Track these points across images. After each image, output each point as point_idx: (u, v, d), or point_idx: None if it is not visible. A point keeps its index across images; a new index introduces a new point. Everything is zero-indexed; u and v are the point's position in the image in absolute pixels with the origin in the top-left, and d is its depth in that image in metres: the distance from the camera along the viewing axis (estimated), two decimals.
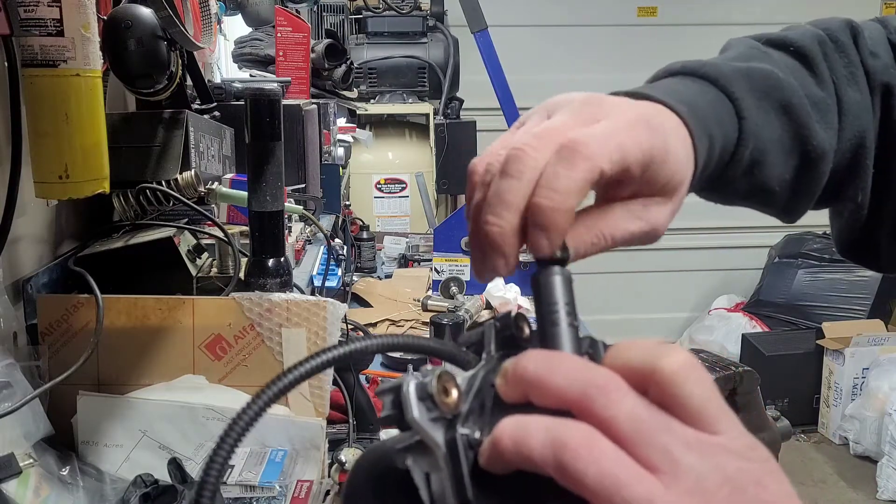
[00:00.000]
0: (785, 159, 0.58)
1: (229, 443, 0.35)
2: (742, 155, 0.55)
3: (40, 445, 0.92)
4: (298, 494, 0.97)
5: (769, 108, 0.57)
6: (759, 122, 0.56)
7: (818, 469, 3.70)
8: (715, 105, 0.54)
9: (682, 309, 4.97)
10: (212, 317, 1.05)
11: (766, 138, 0.56)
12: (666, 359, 0.33)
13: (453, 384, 0.34)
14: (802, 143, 0.58)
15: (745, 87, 0.55)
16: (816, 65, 0.61)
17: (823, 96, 0.60)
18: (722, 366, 2.23)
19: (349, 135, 2.97)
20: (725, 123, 0.54)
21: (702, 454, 0.31)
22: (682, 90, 0.53)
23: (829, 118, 0.60)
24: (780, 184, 0.59)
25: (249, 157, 1.07)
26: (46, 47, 0.81)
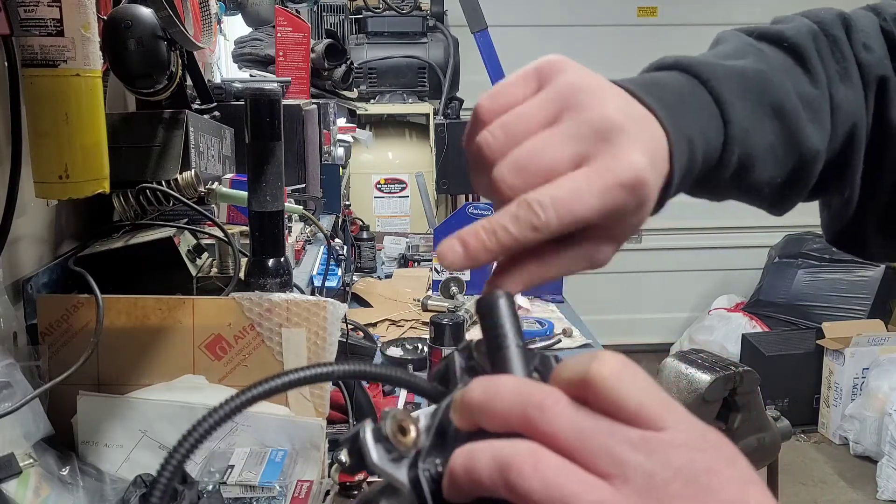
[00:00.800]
0: (776, 163, 0.57)
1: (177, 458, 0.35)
2: (729, 160, 0.54)
3: (40, 445, 0.92)
4: (298, 494, 0.97)
5: (762, 112, 0.55)
6: (749, 126, 0.54)
7: (818, 469, 3.70)
8: (701, 108, 0.52)
9: (682, 309, 4.97)
10: (212, 317, 1.05)
11: (755, 143, 0.55)
12: (596, 365, 0.33)
13: (409, 422, 0.35)
14: (796, 147, 0.57)
15: (736, 90, 0.54)
16: (810, 62, 0.60)
17: (817, 94, 0.59)
18: (722, 366, 2.23)
19: (349, 135, 2.97)
20: (710, 128, 0.52)
21: (648, 452, 0.31)
22: (670, 88, 0.51)
23: (822, 117, 0.59)
24: (770, 185, 0.58)
25: (249, 157, 1.07)
26: (46, 47, 0.81)
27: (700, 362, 2.15)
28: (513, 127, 0.43)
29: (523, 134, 0.43)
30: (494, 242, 0.40)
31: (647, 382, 0.34)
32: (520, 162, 0.42)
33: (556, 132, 0.42)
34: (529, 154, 0.42)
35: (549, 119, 0.43)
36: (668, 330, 4.94)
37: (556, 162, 0.41)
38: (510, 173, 0.41)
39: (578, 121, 0.42)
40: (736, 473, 0.32)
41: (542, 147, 0.42)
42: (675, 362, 2.20)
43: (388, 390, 1.76)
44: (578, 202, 0.40)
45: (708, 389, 2.07)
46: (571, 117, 0.43)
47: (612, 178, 0.41)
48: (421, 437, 0.35)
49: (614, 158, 0.41)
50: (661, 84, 0.51)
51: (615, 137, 0.42)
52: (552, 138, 0.42)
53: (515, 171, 0.41)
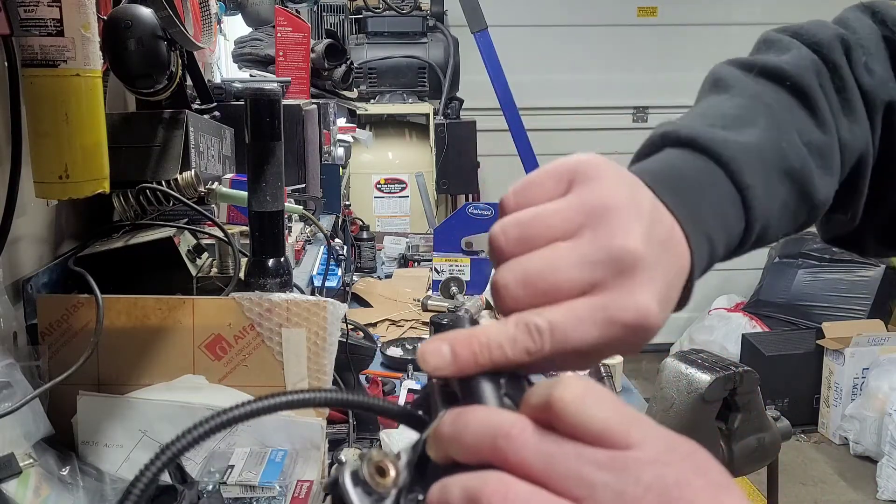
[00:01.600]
0: (788, 220, 0.55)
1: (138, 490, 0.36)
2: (749, 240, 0.51)
3: (40, 445, 0.92)
4: (298, 494, 0.97)
5: (777, 180, 0.53)
6: (768, 203, 0.52)
7: (818, 469, 3.70)
8: (722, 198, 0.49)
9: (682, 309, 4.97)
10: (212, 317, 1.05)
11: (771, 213, 0.52)
12: (559, 390, 0.33)
13: (388, 462, 0.36)
14: (808, 200, 0.55)
15: (757, 170, 0.50)
16: (816, 103, 0.57)
17: (825, 140, 0.56)
18: (722, 366, 2.23)
19: (349, 135, 2.97)
20: (731, 216, 0.49)
21: (616, 471, 0.32)
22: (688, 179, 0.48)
23: (832, 163, 0.57)
24: (782, 233, 0.56)
25: (249, 157, 1.07)
26: (46, 47, 0.81)
27: (700, 362, 2.15)
28: (529, 229, 0.41)
29: (539, 239, 0.40)
30: (487, 358, 0.38)
31: (612, 402, 0.34)
32: (529, 275, 0.40)
33: (574, 252, 0.40)
34: (540, 269, 0.40)
35: (570, 231, 0.40)
36: (668, 330, 4.93)
37: (566, 284, 0.39)
38: (516, 284, 0.40)
39: (599, 245, 0.40)
40: (707, 482, 0.32)
41: (556, 265, 0.40)
42: (675, 362, 2.20)
43: (388, 390, 1.76)
44: (577, 332, 0.39)
45: (708, 389, 2.06)
46: (593, 238, 0.40)
47: (617, 315, 0.39)
48: (401, 475, 0.36)
49: (625, 295, 0.39)
50: (679, 174, 0.48)
51: (631, 272, 0.40)
52: (568, 258, 0.40)
53: (523, 284, 0.40)
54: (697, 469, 0.33)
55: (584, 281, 0.39)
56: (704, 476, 0.32)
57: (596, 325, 0.39)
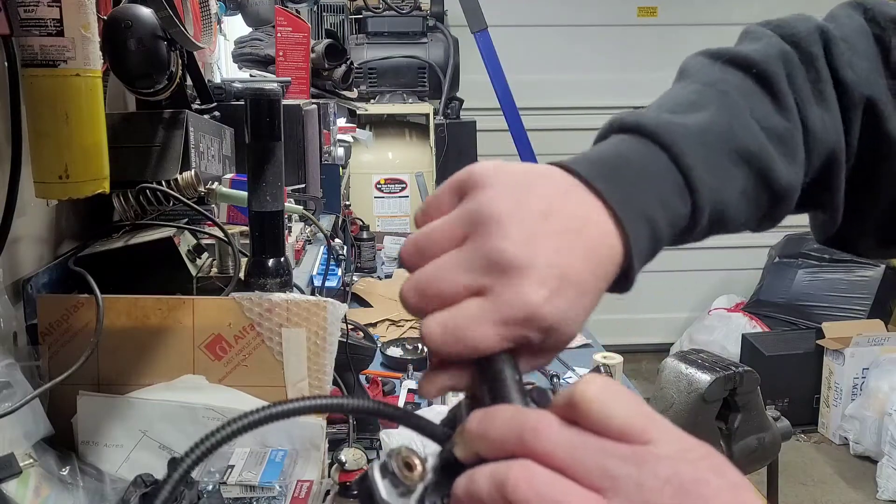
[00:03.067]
0: (749, 205, 0.55)
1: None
2: (699, 222, 0.52)
3: (40, 445, 0.92)
4: (298, 494, 0.97)
5: (729, 163, 0.53)
6: (718, 185, 0.52)
7: (818, 469, 3.70)
8: (664, 180, 0.49)
9: (682, 309, 4.97)
10: (212, 317, 1.05)
11: (726, 197, 0.53)
12: (581, 389, 0.35)
13: (415, 457, 0.38)
14: (768, 186, 0.55)
15: (701, 152, 0.51)
16: (779, 90, 0.57)
17: (787, 126, 0.56)
18: (722, 366, 2.23)
19: (349, 135, 2.97)
20: (675, 198, 0.50)
21: (637, 464, 0.33)
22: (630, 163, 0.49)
23: (794, 149, 0.56)
24: (746, 225, 0.57)
25: (249, 157, 1.07)
26: (46, 47, 0.81)
27: (700, 362, 2.15)
28: (422, 243, 0.44)
29: (430, 252, 0.44)
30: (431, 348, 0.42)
31: (632, 399, 0.35)
32: (420, 284, 0.43)
33: (455, 259, 0.43)
34: (427, 278, 0.43)
35: (455, 241, 0.43)
36: (668, 330, 4.94)
37: (451, 289, 0.42)
38: (411, 292, 0.43)
39: (476, 250, 0.42)
40: (725, 482, 0.33)
41: (440, 273, 0.42)
42: (675, 362, 2.20)
43: (388, 390, 1.77)
44: (474, 331, 0.41)
45: (708, 389, 2.07)
46: (472, 245, 0.42)
47: (507, 313, 0.41)
48: (427, 472, 0.37)
49: (510, 293, 0.41)
50: (621, 160, 0.49)
51: (513, 271, 0.41)
52: (448, 264, 0.42)
53: (415, 292, 0.43)
54: (715, 468, 0.34)
55: (469, 283, 0.42)
56: (723, 476, 0.34)
57: (493, 325, 0.41)
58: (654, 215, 0.48)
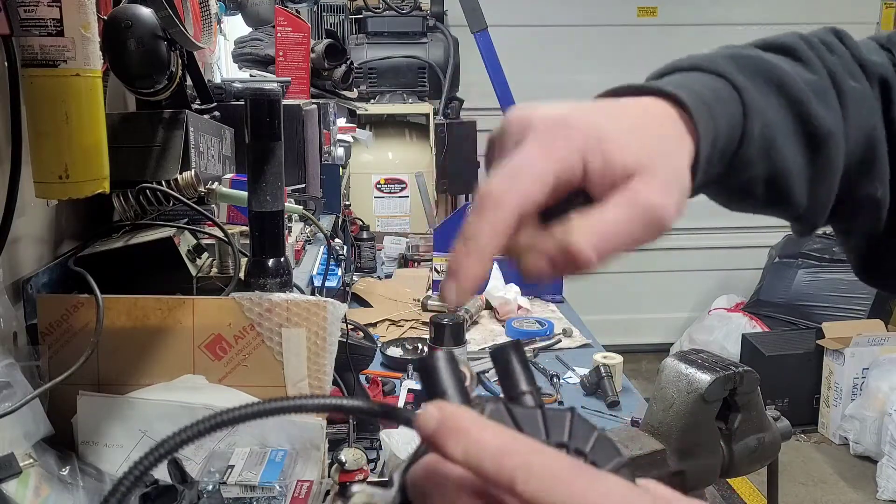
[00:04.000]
0: (792, 139, 0.54)
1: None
2: (752, 131, 0.51)
3: (40, 445, 0.92)
4: (298, 494, 0.97)
5: (764, 87, 0.53)
6: (759, 100, 0.52)
7: (818, 469, 3.70)
8: (708, 84, 0.51)
9: (682, 309, 4.97)
10: (212, 317, 1.05)
11: (771, 118, 0.52)
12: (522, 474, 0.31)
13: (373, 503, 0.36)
14: (804, 123, 0.54)
15: (733, 67, 0.53)
16: (803, 54, 0.57)
17: (816, 80, 0.55)
18: (722, 366, 2.23)
19: (349, 135, 2.97)
20: (725, 99, 0.51)
21: None
22: (669, 80, 0.51)
23: (829, 99, 0.55)
24: (797, 168, 0.54)
25: (249, 157, 1.07)
26: (46, 47, 0.81)
27: (700, 362, 2.15)
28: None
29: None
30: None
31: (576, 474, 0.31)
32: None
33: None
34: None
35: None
36: (668, 330, 4.94)
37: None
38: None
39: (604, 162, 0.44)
40: None
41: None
42: (675, 362, 2.20)
43: (388, 390, 1.77)
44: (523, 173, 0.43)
45: (708, 389, 2.06)
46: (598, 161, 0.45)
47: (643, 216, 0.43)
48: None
49: (644, 195, 0.43)
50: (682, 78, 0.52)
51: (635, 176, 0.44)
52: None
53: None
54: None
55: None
56: None
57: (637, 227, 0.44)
58: (711, 104, 0.49)
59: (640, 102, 0.48)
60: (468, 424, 0.33)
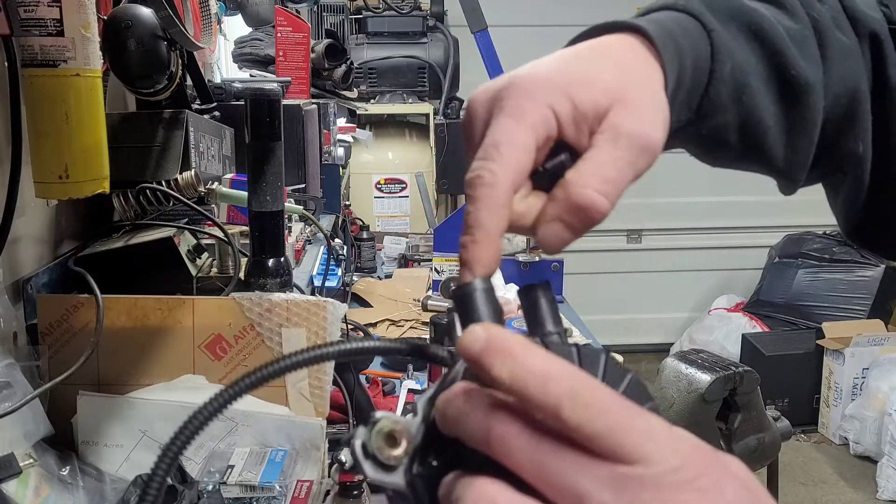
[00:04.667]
0: (767, 88, 0.52)
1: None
2: (722, 72, 0.50)
3: (40, 445, 0.92)
4: (298, 494, 0.97)
5: (737, 32, 0.51)
6: (730, 43, 0.50)
7: (818, 469, 3.70)
8: (678, 20, 0.50)
9: (682, 309, 4.97)
10: (212, 317, 1.05)
11: (742, 61, 0.51)
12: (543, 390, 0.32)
13: (398, 430, 0.35)
14: (781, 72, 0.52)
15: (706, 8, 0.51)
16: (788, 1, 0.54)
17: (798, 28, 0.53)
18: (722, 366, 2.23)
19: (349, 135, 2.97)
20: (693, 35, 0.49)
21: (615, 491, 0.30)
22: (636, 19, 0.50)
23: (809, 50, 0.53)
24: (772, 117, 0.53)
25: (249, 157, 1.07)
26: (46, 47, 0.81)
27: (700, 362, 2.15)
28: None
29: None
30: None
31: (618, 407, 0.32)
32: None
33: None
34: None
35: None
36: (668, 330, 4.94)
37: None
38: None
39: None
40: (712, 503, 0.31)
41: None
42: (675, 362, 2.20)
43: (388, 390, 1.76)
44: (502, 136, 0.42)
45: (708, 389, 2.07)
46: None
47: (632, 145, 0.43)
48: (412, 443, 0.35)
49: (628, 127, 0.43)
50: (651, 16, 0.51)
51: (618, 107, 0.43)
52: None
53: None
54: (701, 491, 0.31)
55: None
56: (708, 496, 0.31)
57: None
58: (676, 38, 0.48)
59: (601, 41, 0.48)
60: (516, 348, 0.33)
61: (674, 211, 4.75)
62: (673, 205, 4.70)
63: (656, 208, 4.70)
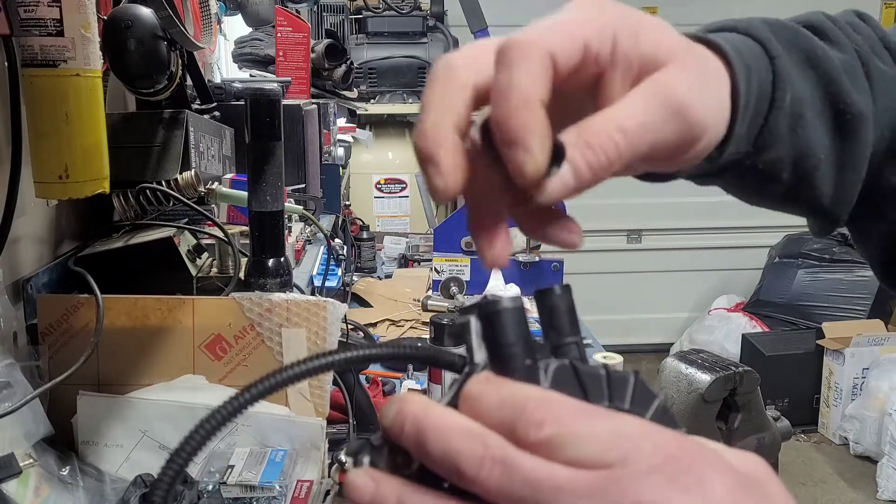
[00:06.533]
0: (820, 118, 0.50)
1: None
2: (782, 101, 0.48)
3: (40, 445, 0.92)
4: (298, 494, 0.97)
5: (797, 59, 0.49)
6: (791, 71, 0.49)
7: (818, 469, 3.70)
8: (744, 42, 0.48)
9: (682, 309, 4.97)
10: (212, 317, 1.05)
11: (800, 91, 0.49)
12: (521, 418, 0.32)
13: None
14: (835, 102, 0.50)
15: (770, 33, 0.49)
16: (831, 33, 0.52)
17: (846, 58, 0.51)
18: (722, 366, 2.23)
19: (349, 135, 2.97)
20: (758, 60, 0.47)
21: (592, 498, 0.30)
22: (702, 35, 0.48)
23: (859, 80, 0.51)
24: (824, 150, 0.50)
25: (249, 157, 1.07)
26: (46, 47, 0.81)
27: (700, 362, 2.15)
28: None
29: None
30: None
31: (579, 414, 0.31)
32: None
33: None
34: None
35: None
36: (668, 330, 4.94)
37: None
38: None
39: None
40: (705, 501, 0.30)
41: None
42: (675, 362, 2.20)
43: (388, 390, 1.76)
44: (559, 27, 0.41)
45: (708, 389, 2.07)
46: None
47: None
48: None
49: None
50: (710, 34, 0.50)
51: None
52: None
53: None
54: (692, 486, 0.30)
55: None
56: (705, 495, 0.30)
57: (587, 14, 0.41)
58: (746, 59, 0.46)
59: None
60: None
61: (674, 211, 4.75)
62: (673, 205, 4.69)
63: (656, 208, 4.70)
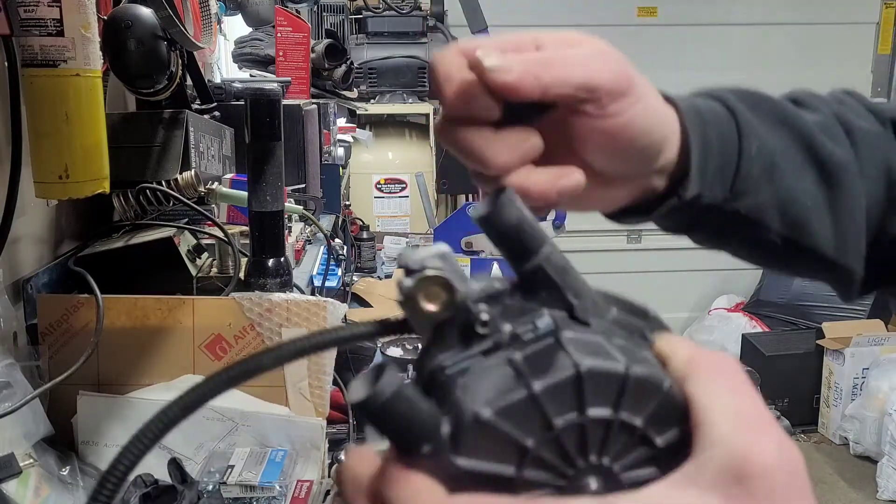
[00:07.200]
0: (801, 169, 0.52)
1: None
2: (749, 149, 0.50)
3: (40, 445, 0.92)
4: (298, 494, 0.97)
5: (764, 118, 0.52)
6: (757, 125, 0.51)
7: (818, 469, 3.70)
8: (704, 101, 0.51)
9: (682, 309, 4.97)
10: (212, 317, 1.05)
11: (770, 143, 0.51)
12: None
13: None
14: (814, 154, 0.52)
15: (735, 97, 0.52)
16: (805, 100, 0.56)
17: (822, 119, 0.54)
18: None
19: (349, 135, 2.97)
20: (719, 115, 0.50)
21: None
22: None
23: (837, 135, 0.54)
24: (811, 198, 0.52)
25: (249, 157, 1.07)
26: (46, 47, 0.81)
27: None
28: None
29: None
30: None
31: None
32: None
33: None
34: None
35: None
36: None
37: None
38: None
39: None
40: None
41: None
42: None
43: None
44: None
45: None
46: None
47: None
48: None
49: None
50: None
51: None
52: None
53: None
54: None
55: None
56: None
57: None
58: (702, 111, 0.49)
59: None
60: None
61: None
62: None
63: None
